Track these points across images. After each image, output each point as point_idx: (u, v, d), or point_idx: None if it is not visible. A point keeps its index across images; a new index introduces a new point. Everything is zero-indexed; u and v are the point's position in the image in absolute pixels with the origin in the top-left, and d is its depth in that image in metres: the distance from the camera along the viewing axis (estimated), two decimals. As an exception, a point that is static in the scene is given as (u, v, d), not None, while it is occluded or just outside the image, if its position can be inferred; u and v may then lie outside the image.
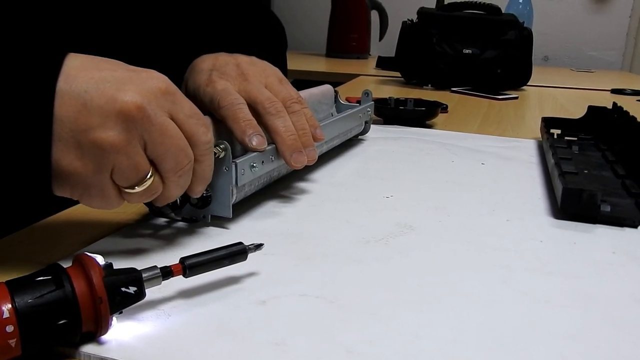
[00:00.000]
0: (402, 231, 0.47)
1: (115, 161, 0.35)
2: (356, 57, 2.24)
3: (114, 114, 0.35)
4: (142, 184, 0.37)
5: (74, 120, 0.35)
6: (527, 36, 1.47)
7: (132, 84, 0.36)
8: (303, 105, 0.54)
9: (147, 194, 0.38)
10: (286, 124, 0.50)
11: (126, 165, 0.36)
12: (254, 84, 0.51)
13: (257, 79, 0.52)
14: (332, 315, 0.34)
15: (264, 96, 0.51)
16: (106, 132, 0.35)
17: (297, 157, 0.50)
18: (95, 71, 0.36)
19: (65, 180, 0.36)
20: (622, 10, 2.34)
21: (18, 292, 0.27)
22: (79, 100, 0.35)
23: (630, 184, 0.60)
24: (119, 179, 0.36)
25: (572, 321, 0.34)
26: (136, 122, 0.35)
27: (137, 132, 0.36)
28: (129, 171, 0.36)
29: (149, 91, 0.37)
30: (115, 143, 0.35)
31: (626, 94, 1.49)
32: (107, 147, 0.35)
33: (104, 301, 0.29)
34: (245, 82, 0.51)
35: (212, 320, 0.33)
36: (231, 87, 0.50)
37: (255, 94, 0.50)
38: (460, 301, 0.36)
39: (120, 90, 0.35)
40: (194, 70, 0.54)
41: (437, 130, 0.91)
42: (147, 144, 0.37)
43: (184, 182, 0.40)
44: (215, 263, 0.35)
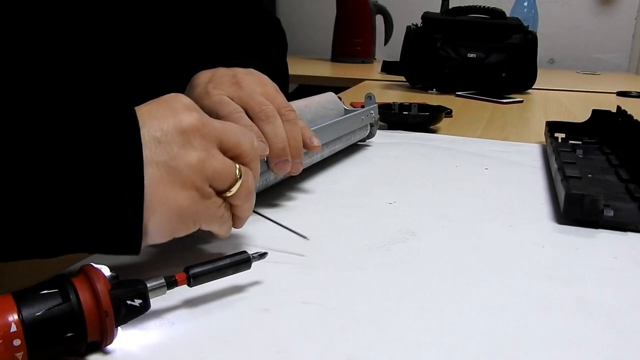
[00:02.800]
0: (404, 237, 0.48)
1: (209, 170, 0.37)
2: (361, 61, 2.25)
3: (185, 134, 0.36)
4: (236, 183, 0.39)
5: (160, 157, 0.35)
6: (532, 40, 1.47)
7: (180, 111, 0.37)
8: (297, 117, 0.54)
9: (246, 189, 0.40)
10: (276, 130, 0.50)
11: (220, 167, 0.37)
12: (247, 90, 0.52)
13: (251, 87, 0.53)
14: (334, 322, 0.34)
15: (255, 101, 0.51)
16: (192, 150, 0.36)
17: (281, 165, 0.50)
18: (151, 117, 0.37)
19: (188, 217, 0.36)
20: (628, 12, 2.33)
21: (25, 305, 0.28)
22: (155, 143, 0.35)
23: (633, 188, 0.60)
24: (218, 184, 0.38)
25: (575, 327, 0.35)
26: (204, 132, 0.37)
27: (209, 140, 0.37)
28: (224, 171, 0.38)
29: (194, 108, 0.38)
30: (200, 155, 0.36)
31: (632, 96, 1.49)
32: (197, 161, 0.36)
33: (110, 315, 0.29)
34: (239, 90, 0.52)
35: (215, 328, 0.33)
36: (226, 97, 0.51)
37: (247, 100, 0.51)
38: (462, 308, 0.36)
39: (175, 117, 0.36)
40: (192, 85, 0.55)
41: (441, 135, 0.92)
42: (221, 139, 0.38)
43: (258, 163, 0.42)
44: (219, 272, 0.36)
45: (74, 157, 0.32)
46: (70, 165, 0.32)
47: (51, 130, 0.32)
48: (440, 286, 0.39)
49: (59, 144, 0.32)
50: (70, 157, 0.32)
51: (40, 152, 0.31)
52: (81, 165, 0.32)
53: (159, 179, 0.34)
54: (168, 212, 0.35)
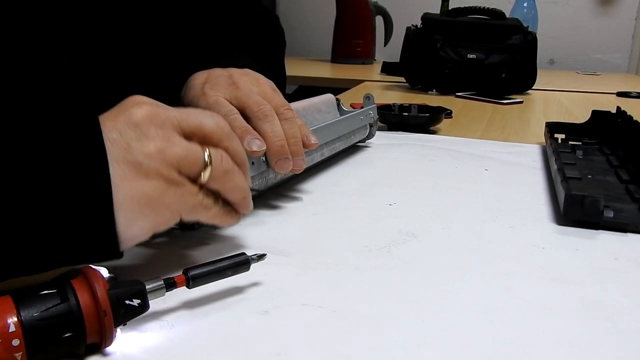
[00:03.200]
0: (404, 239, 0.48)
1: (172, 156, 0.36)
2: (361, 62, 2.25)
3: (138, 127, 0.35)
4: (207, 167, 0.38)
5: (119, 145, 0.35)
6: (532, 40, 1.47)
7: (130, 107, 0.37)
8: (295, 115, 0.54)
9: (219, 170, 0.38)
10: (274, 129, 0.50)
11: (183, 153, 0.36)
12: (243, 90, 0.52)
13: (247, 87, 0.53)
14: (334, 325, 0.34)
15: (252, 100, 0.51)
16: (145, 142, 0.35)
17: (282, 164, 0.50)
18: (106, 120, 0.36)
19: (158, 206, 0.36)
20: (628, 13, 2.33)
21: (24, 305, 0.28)
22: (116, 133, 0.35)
23: (633, 189, 0.60)
24: (186, 170, 0.37)
25: (575, 329, 0.35)
26: (158, 121, 0.36)
27: (167, 128, 0.36)
28: (189, 156, 0.37)
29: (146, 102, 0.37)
30: (159, 144, 0.35)
31: (632, 96, 1.49)
32: (154, 152, 0.35)
33: (108, 314, 0.29)
34: (236, 90, 0.52)
35: (215, 330, 0.33)
36: (222, 98, 0.51)
37: (244, 99, 0.51)
38: (462, 310, 0.36)
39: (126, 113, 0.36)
40: (188, 86, 0.55)
41: (441, 136, 0.92)
42: (180, 125, 0.37)
43: (235, 137, 0.41)
44: (218, 274, 0.35)
45: (41, 163, 0.32)
46: (39, 171, 0.32)
47: (17, 140, 0.32)
48: (441, 288, 0.39)
49: (26, 154, 0.32)
50: (37, 163, 0.32)
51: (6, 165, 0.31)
52: (46, 173, 0.32)
53: (122, 175, 0.34)
54: (138, 205, 0.35)
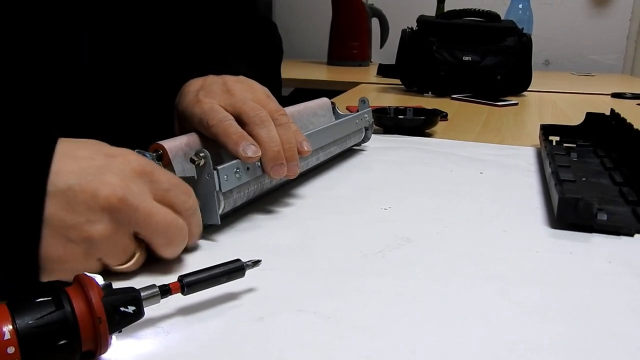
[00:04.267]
0: (399, 244, 0.48)
1: (103, 248, 0.37)
2: (357, 64, 2.26)
3: (99, 209, 0.37)
4: (128, 262, 0.39)
5: (61, 218, 0.36)
6: (527, 42, 1.47)
7: (110, 173, 0.38)
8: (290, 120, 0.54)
9: (134, 268, 0.40)
10: (270, 134, 0.50)
11: (114, 250, 0.38)
12: (238, 97, 0.52)
13: (242, 94, 0.53)
14: (329, 331, 0.34)
15: (248, 106, 0.51)
16: (94, 227, 0.36)
17: (277, 169, 0.51)
18: (74, 162, 0.37)
19: (53, 268, 0.37)
20: (622, 14, 2.34)
21: (19, 313, 0.28)
22: (64, 199, 0.36)
23: (627, 192, 0.60)
24: (107, 260, 0.38)
25: (570, 332, 0.35)
26: (121, 212, 0.37)
27: (124, 221, 0.38)
28: (117, 254, 0.38)
29: (128, 178, 0.38)
30: (105, 234, 0.37)
31: (626, 97, 1.49)
32: (97, 239, 0.37)
33: (103, 321, 0.29)
34: (231, 97, 0.52)
35: (210, 337, 0.33)
36: (217, 105, 0.51)
37: (239, 105, 0.51)
38: (457, 315, 0.37)
39: (101, 183, 0.37)
40: (182, 93, 0.55)
41: (436, 139, 0.92)
42: (135, 228, 0.38)
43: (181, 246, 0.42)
44: (213, 280, 0.36)
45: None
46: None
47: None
48: (436, 293, 0.39)
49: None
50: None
51: None
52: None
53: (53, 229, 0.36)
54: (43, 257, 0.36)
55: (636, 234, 0.51)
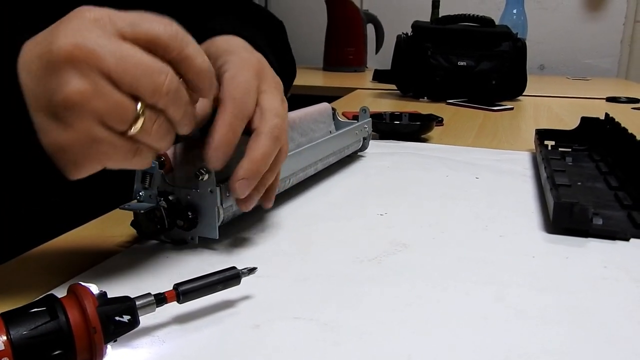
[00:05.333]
0: (395, 249, 0.48)
1: (95, 109, 0.33)
2: (353, 70, 2.26)
3: (62, 66, 0.33)
4: (137, 120, 0.34)
5: (36, 97, 0.34)
6: (521, 47, 1.48)
7: (58, 29, 0.34)
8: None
9: (155, 131, 0.36)
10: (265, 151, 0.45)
11: (107, 108, 0.33)
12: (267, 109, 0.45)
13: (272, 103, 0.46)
14: (325, 338, 0.34)
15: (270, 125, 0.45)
16: (66, 86, 0.33)
17: (243, 186, 0.44)
18: (29, 42, 0.35)
19: (76, 157, 0.35)
20: (616, 18, 2.35)
21: (13, 323, 0.28)
22: (29, 76, 0.34)
23: (622, 196, 0.60)
24: (112, 124, 0.34)
25: (565, 338, 0.35)
26: (85, 62, 0.33)
27: (95, 72, 0.33)
28: (115, 112, 0.34)
29: (79, 26, 0.34)
30: (82, 90, 0.33)
31: (621, 102, 1.50)
32: (78, 99, 0.33)
33: (98, 331, 0.29)
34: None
35: (206, 345, 0.33)
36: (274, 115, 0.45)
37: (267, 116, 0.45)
38: (453, 320, 0.37)
39: (52, 42, 0.33)
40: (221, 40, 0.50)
41: (432, 144, 0.92)
42: (112, 77, 0.33)
43: (180, 99, 0.36)
44: (208, 288, 0.36)
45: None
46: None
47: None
48: (432, 298, 0.39)
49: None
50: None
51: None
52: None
53: (39, 127, 0.34)
54: (56, 156, 0.35)
55: (632, 238, 0.51)
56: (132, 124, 0.34)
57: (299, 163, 0.60)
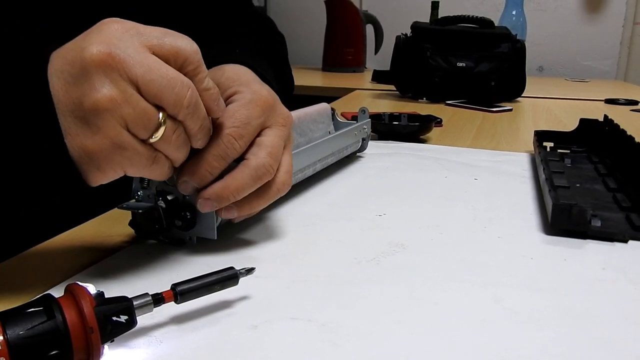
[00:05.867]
0: (394, 250, 0.48)
1: (122, 115, 0.35)
2: (352, 70, 2.26)
3: (93, 72, 0.35)
4: (159, 129, 0.37)
5: (66, 101, 0.35)
6: (521, 48, 1.48)
7: (89, 38, 0.36)
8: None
9: (174, 140, 0.38)
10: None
11: (134, 114, 0.35)
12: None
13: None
14: (323, 339, 0.34)
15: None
16: (97, 92, 0.35)
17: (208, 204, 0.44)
18: (58, 51, 0.37)
19: (101, 161, 0.36)
20: (616, 20, 2.36)
21: (9, 323, 0.28)
22: (60, 82, 0.35)
23: (621, 198, 0.60)
24: (137, 130, 0.36)
25: (563, 340, 0.35)
26: (116, 70, 0.35)
27: (125, 80, 0.35)
28: (140, 119, 0.36)
29: (110, 35, 0.36)
30: (112, 96, 0.35)
31: (620, 103, 1.50)
32: (108, 104, 0.35)
33: (95, 331, 0.29)
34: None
35: (204, 346, 0.33)
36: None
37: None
38: (451, 322, 0.36)
39: (84, 49, 0.35)
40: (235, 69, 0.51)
41: (431, 145, 0.92)
42: (139, 86, 0.36)
43: (199, 113, 0.39)
44: (206, 288, 0.35)
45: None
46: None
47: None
48: (430, 299, 0.39)
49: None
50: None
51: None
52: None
53: (67, 130, 0.36)
54: (80, 160, 0.36)
55: (630, 240, 0.51)
56: (154, 132, 0.37)
57: (297, 163, 0.60)
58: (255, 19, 0.81)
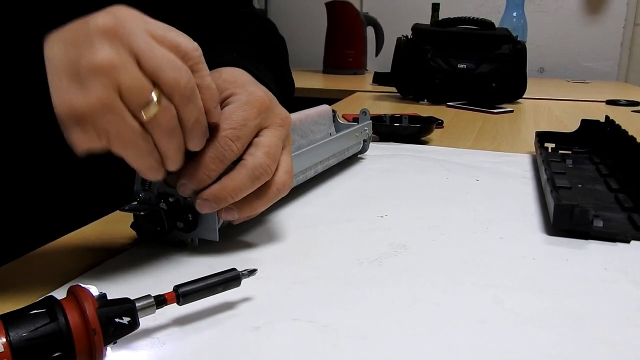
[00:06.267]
0: (395, 251, 0.48)
1: (117, 79, 0.35)
2: (353, 72, 2.26)
3: (96, 37, 0.35)
4: (151, 106, 0.36)
5: (63, 60, 0.36)
6: (521, 50, 1.48)
7: (95, 15, 0.37)
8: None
9: (165, 124, 0.37)
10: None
11: (129, 81, 0.36)
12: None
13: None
14: (325, 340, 0.34)
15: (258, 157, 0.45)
16: (97, 54, 0.35)
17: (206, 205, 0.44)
18: (60, 30, 0.38)
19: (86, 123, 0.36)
20: (616, 21, 2.36)
21: (13, 325, 0.28)
22: (58, 44, 0.36)
23: (623, 198, 0.60)
24: (129, 98, 0.36)
25: (565, 341, 0.35)
26: (120, 39, 0.36)
27: (126, 49, 0.36)
28: (134, 87, 0.36)
29: (118, 14, 0.37)
30: (111, 60, 0.35)
31: (621, 104, 1.50)
32: (106, 66, 0.35)
33: (97, 333, 0.29)
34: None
35: (206, 347, 0.33)
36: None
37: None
38: (452, 323, 0.36)
39: (89, 20, 0.36)
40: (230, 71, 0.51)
41: (432, 147, 0.92)
42: (139, 60, 0.36)
43: (195, 101, 0.39)
44: (209, 290, 0.35)
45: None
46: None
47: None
48: (431, 300, 0.39)
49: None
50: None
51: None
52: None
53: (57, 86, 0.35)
54: (66, 117, 0.35)
55: (632, 240, 0.51)
56: (146, 108, 0.36)
57: (299, 165, 0.60)
58: (254, 22, 0.81)
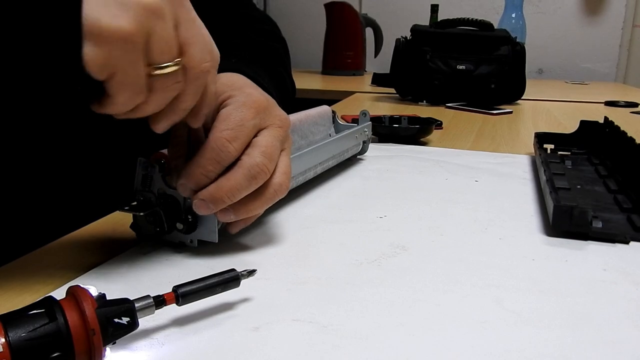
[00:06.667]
0: (395, 252, 0.48)
1: (152, 25, 0.35)
2: (352, 74, 2.26)
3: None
4: (166, 66, 0.37)
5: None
6: (520, 51, 1.48)
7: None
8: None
9: (168, 89, 0.38)
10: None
11: (160, 33, 0.36)
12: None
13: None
14: (325, 340, 0.34)
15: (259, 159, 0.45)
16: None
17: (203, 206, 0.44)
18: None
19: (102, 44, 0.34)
20: (615, 22, 2.36)
21: (11, 326, 0.28)
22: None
23: (622, 199, 0.60)
24: (153, 49, 0.36)
25: (564, 341, 0.35)
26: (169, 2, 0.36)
27: (171, 10, 0.36)
28: (163, 41, 0.36)
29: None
30: (160, 7, 0.35)
31: (619, 106, 1.50)
32: (152, 8, 0.35)
33: (96, 333, 0.29)
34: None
35: (205, 348, 0.33)
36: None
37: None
38: (452, 323, 0.36)
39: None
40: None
41: (431, 148, 0.92)
42: (179, 26, 0.37)
43: (198, 89, 0.40)
44: (208, 291, 0.35)
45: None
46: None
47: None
48: (431, 301, 0.39)
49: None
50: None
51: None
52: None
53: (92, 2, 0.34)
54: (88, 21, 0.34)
55: (631, 241, 0.51)
56: (162, 65, 0.37)
57: (298, 166, 0.60)
58: (253, 25, 0.81)
